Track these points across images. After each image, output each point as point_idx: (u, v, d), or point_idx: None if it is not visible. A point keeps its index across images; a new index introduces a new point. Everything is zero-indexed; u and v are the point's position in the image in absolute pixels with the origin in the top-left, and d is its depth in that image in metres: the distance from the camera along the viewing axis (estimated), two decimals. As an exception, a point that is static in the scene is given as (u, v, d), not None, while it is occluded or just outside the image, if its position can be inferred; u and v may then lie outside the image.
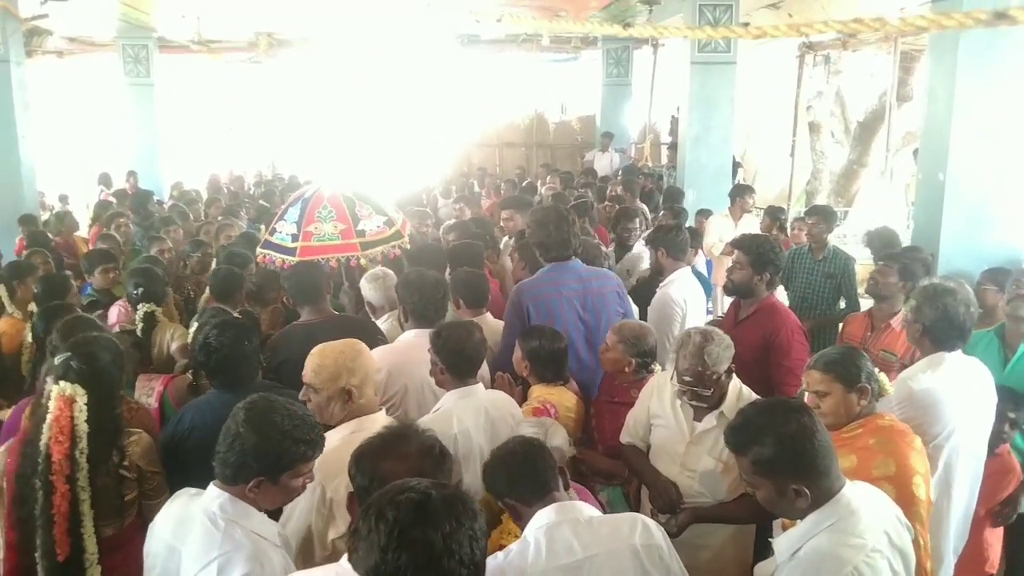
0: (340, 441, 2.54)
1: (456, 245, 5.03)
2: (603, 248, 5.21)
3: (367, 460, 1.89)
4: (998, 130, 4.91)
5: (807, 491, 2.01)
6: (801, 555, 2.02)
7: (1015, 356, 3.62)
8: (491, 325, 3.96)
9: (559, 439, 2.69)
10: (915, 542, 2.42)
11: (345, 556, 1.87)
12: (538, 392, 3.37)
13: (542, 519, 2.10)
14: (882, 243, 5.18)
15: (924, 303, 3.11)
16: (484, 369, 3.39)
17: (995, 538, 3.52)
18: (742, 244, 3.82)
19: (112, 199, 10.27)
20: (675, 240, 4.47)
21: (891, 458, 2.53)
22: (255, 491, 2.09)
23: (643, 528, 2.13)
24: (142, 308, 4.11)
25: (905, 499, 2.40)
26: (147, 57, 12.65)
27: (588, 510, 2.19)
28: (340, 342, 2.77)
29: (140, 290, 4.24)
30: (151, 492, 2.75)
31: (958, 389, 3.08)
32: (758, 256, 3.72)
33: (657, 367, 3.51)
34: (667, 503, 2.91)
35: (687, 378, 2.86)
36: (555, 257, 3.84)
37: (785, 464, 2.02)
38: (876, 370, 2.76)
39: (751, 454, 2.06)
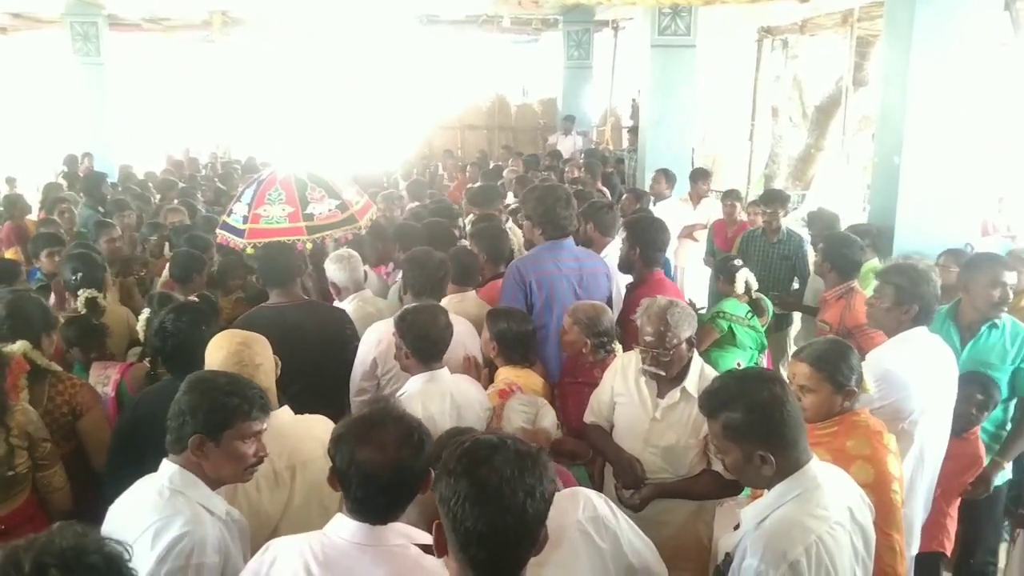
0: None
1: (426, 224, 5.01)
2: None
3: (345, 445, 1.88)
4: (952, 113, 5.00)
5: (773, 459, 2.06)
6: (767, 524, 2.07)
7: (973, 339, 3.67)
8: (474, 303, 3.97)
9: (548, 421, 2.71)
10: (890, 548, 2.50)
11: (328, 525, 1.88)
12: (504, 374, 3.37)
13: None
14: (822, 224, 5.30)
15: (902, 282, 3.19)
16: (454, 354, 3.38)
17: (951, 518, 3.59)
18: (625, 225, 4.26)
19: (62, 181, 9.98)
20: (604, 217, 4.82)
21: (869, 464, 2.54)
22: (199, 453, 2.09)
23: (585, 502, 2.15)
24: (83, 294, 3.97)
25: (884, 506, 2.43)
26: (97, 35, 12.24)
27: None
28: (234, 334, 2.70)
29: (78, 275, 4.12)
30: (43, 462, 2.76)
31: (929, 365, 3.18)
32: (631, 235, 4.07)
33: (617, 347, 3.53)
34: (631, 479, 2.95)
35: (649, 338, 2.90)
36: (554, 234, 3.86)
37: (754, 430, 2.07)
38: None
39: (722, 418, 2.11)
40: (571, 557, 2.07)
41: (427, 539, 1.66)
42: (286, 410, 2.61)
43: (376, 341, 3.45)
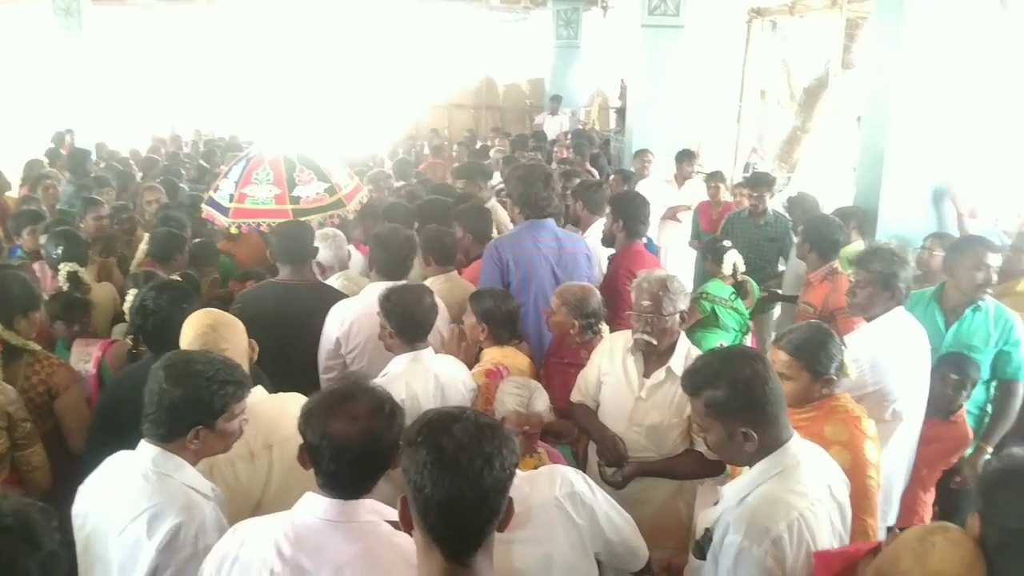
0: None
1: (426, 201, 4.98)
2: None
3: (316, 418, 1.86)
4: (941, 97, 5.00)
5: (755, 435, 2.08)
6: (750, 500, 2.09)
7: (957, 321, 3.70)
8: (460, 284, 3.96)
9: (541, 404, 2.71)
10: (863, 533, 2.51)
11: (297, 504, 1.88)
12: (491, 354, 3.36)
13: None
14: (802, 209, 5.32)
15: (882, 267, 3.25)
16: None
17: (931, 495, 3.64)
18: (609, 201, 4.46)
19: (43, 158, 9.83)
20: (594, 195, 4.97)
21: (846, 449, 2.55)
22: (196, 442, 2.11)
23: (562, 478, 2.17)
24: (64, 268, 3.94)
25: (859, 492, 2.45)
26: (78, 8, 12.00)
27: None
28: (205, 315, 2.68)
29: (60, 250, 4.09)
30: (22, 441, 2.75)
31: (910, 345, 3.26)
32: (615, 209, 4.24)
33: (604, 327, 3.54)
34: (614, 456, 2.97)
35: (646, 303, 2.92)
36: (534, 214, 3.86)
37: (736, 407, 2.09)
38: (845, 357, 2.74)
39: (705, 396, 2.13)
40: (547, 533, 2.09)
41: (396, 515, 1.65)
42: (259, 390, 2.60)
43: (339, 321, 3.44)
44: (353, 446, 1.82)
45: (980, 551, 1.75)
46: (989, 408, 3.81)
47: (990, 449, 3.69)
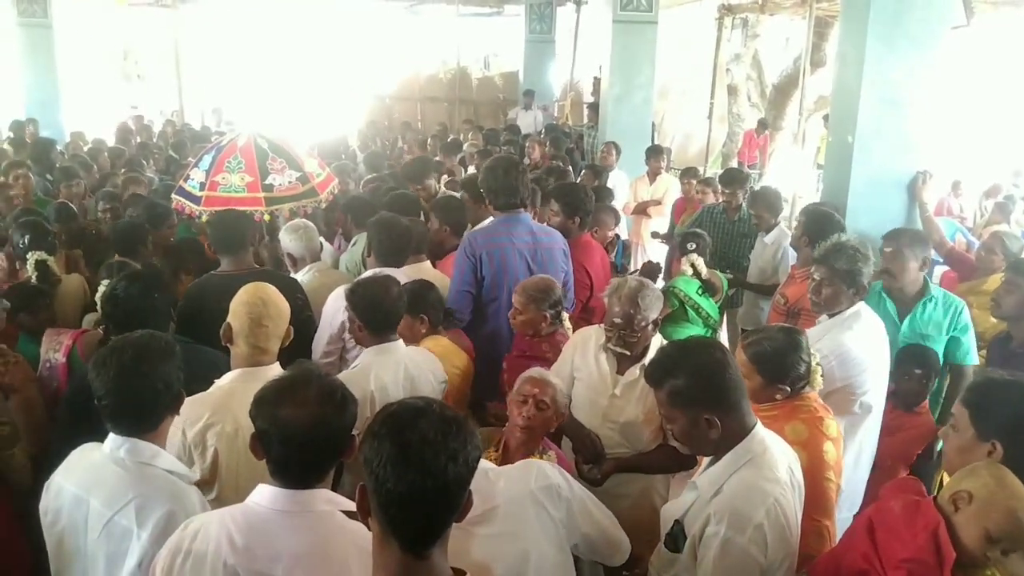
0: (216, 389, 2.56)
1: (393, 195, 4.94)
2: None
3: (267, 404, 1.85)
4: (905, 95, 5.08)
5: (718, 422, 2.13)
6: (727, 489, 2.13)
7: (909, 314, 3.78)
8: (430, 275, 3.94)
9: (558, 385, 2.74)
10: (818, 534, 2.56)
11: (251, 494, 1.85)
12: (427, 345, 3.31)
13: None
14: (765, 204, 5.37)
15: (846, 264, 3.29)
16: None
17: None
18: (556, 193, 4.47)
19: (8, 147, 9.63)
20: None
21: (804, 450, 2.55)
22: (164, 425, 2.14)
23: (538, 471, 2.19)
24: (32, 257, 3.88)
25: (815, 493, 2.48)
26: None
27: (483, 463, 2.19)
28: (264, 288, 2.70)
29: (26, 239, 4.04)
30: (1, 443, 2.71)
31: (873, 338, 3.31)
32: (566, 204, 4.28)
33: (566, 319, 3.53)
34: (592, 453, 2.97)
35: (617, 320, 2.92)
36: (504, 204, 3.83)
37: (698, 394, 2.13)
38: (814, 362, 2.76)
39: (667, 386, 2.17)
40: (522, 526, 2.10)
41: (352, 506, 1.64)
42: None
43: (344, 306, 3.40)
44: (303, 431, 1.80)
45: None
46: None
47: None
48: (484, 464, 2.20)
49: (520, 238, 3.79)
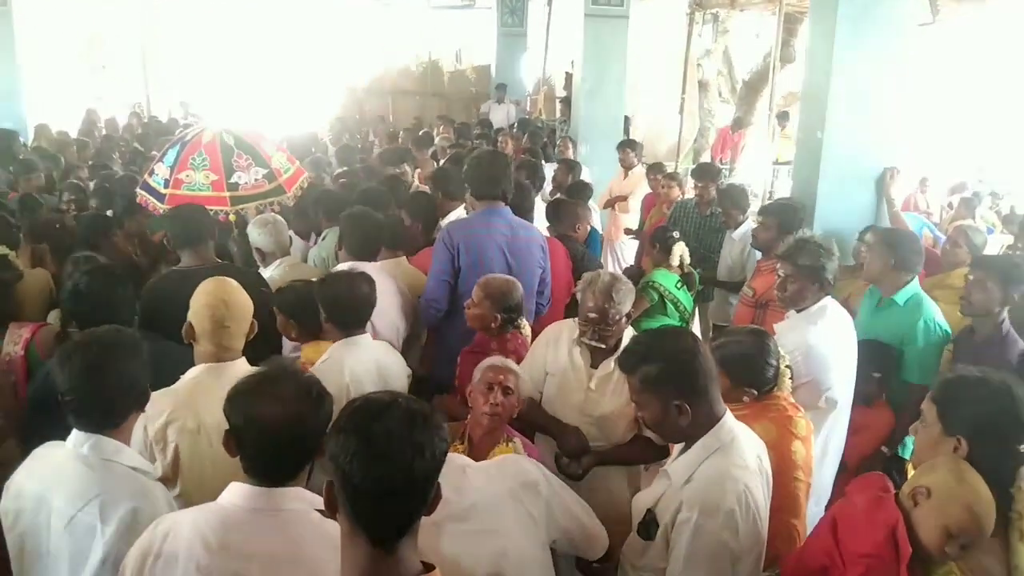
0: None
1: (364, 189, 4.89)
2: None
3: (241, 401, 1.82)
4: (873, 91, 5.13)
5: (688, 408, 2.15)
6: (698, 477, 2.16)
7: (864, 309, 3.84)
8: (406, 270, 3.92)
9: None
10: (787, 535, 2.58)
11: (224, 493, 1.82)
12: (307, 353, 3.21)
13: None
14: (732, 201, 5.40)
15: (811, 261, 3.33)
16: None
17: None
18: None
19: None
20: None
21: (772, 451, 2.54)
22: (130, 421, 2.12)
23: (516, 468, 2.19)
24: None
25: (784, 493, 2.51)
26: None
27: (460, 459, 2.20)
28: (226, 284, 2.65)
29: None
30: None
31: (839, 334, 3.35)
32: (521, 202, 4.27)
33: (524, 323, 3.49)
34: (577, 448, 2.93)
35: (592, 315, 2.91)
36: (484, 194, 3.81)
37: (669, 380, 2.16)
38: (783, 364, 2.79)
39: (640, 372, 2.20)
40: (500, 523, 2.09)
41: None
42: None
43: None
44: (279, 428, 1.78)
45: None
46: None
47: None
48: (462, 460, 2.20)
49: (498, 230, 3.77)
